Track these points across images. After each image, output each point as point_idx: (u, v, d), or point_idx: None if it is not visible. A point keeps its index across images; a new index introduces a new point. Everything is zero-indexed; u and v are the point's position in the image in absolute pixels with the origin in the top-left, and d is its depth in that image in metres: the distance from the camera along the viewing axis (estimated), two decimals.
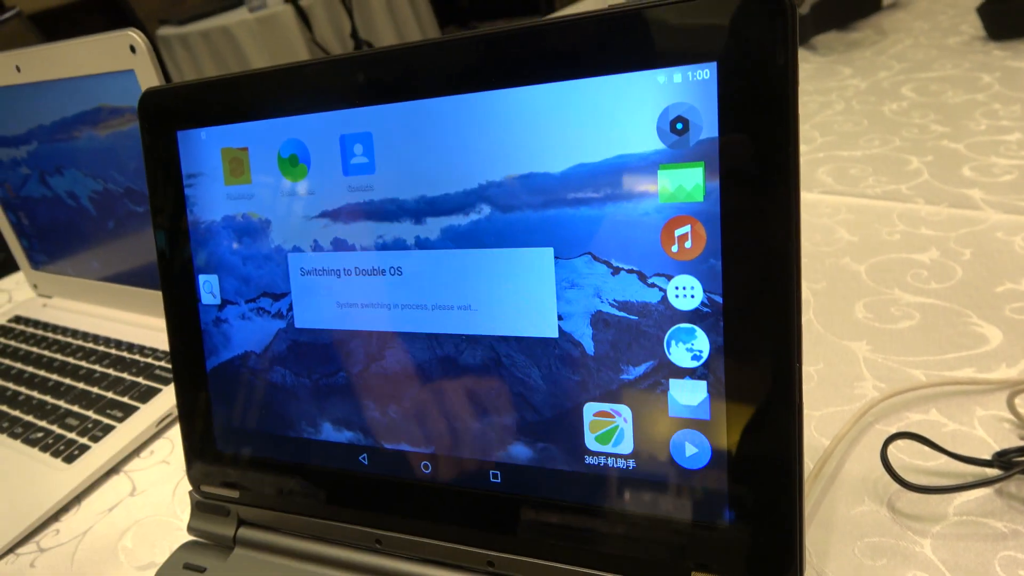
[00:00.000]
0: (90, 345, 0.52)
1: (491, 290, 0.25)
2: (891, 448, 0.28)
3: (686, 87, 0.21)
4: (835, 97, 0.62)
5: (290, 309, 0.29)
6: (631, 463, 0.24)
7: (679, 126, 0.21)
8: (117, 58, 0.42)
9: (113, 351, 0.51)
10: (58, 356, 0.52)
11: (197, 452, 0.32)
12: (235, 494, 0.32)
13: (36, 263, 0.61)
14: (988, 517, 0.26)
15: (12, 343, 0.56)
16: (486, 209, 0.25)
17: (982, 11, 0.65)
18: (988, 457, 0.27)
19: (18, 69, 0.49)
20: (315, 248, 0.28)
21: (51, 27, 2.62)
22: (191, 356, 0.32)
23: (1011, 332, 0.34)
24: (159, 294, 0.33)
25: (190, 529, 0.33)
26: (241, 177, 0.29)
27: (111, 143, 0.47)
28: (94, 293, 0.57)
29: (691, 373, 0.22)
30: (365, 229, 0.27)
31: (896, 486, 0.27)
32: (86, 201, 0.52)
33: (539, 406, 0.25)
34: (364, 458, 0.29)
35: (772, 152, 0.20)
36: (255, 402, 0.31)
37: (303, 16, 2.30)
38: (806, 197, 0.49)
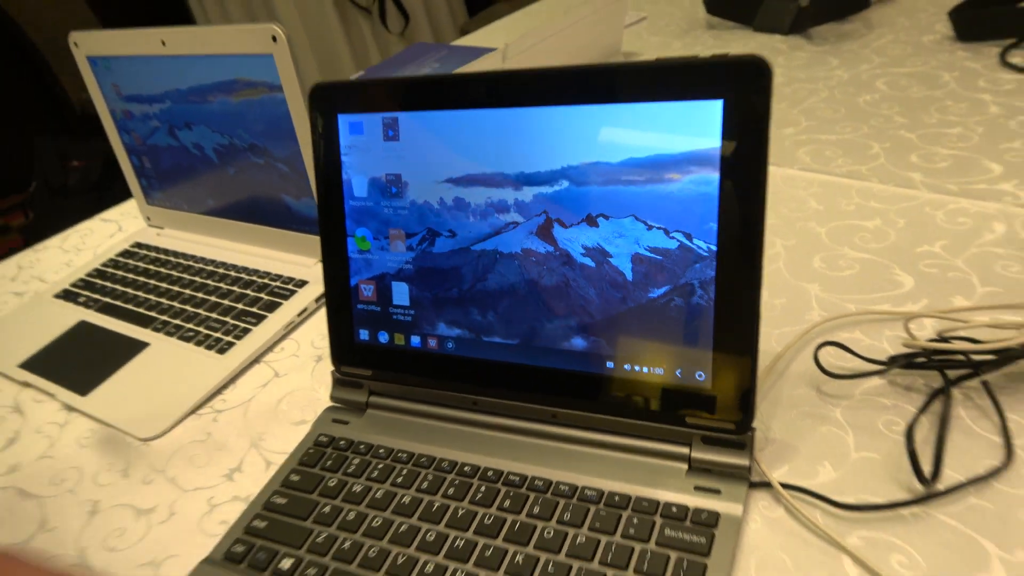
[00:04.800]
0: (210, 268, 0.66)
1: None
2: (821, 352, 0.42)
3: (703, 114, 0.34)
4: (821, 86, 0.74)
5: (419, 243, 0.42)
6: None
7: (698, 139, 0.34)
8: (259, 44, 0.54)
9: (231, 273, 0.64)
10: (184, 275, 0.66)
11: (339, 343, 0.46)
12: (368, 372, 0.46)
13: (151, 199, 0.74)
14: (879, 396, 0.40)
15: (140, 264, 0.70)
16: (565, 183, 0.38)
17: (953, 15, 0.77)
18: (884, 359, 0.40)
19: (163, 43, 0.61)
20: (440, 204, 0.41)
21: None
22: (340, 276, 0.45)
23: (920, 280, 0.47)
24: (268, 228, 0.45)
25: (332, 398, 0.47)
26: (388, 151, 0.42)
27: (242, 108, 0.59)
28: (206, 226, 0.70)
29: (693, 294, 0.36)
30: (478, 192, 0.40)
31: (823, 376, 0.41)
32: (210, 152, 0.64)
33: (593, 312, 0.38)
34: (468, 347, 0.42)
35: (751, 160, 0.33)
36: (386, 310, 0.44)
37: None
38: (787, 172, 0.61)
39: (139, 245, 0.73)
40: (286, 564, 0.37)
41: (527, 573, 0.34)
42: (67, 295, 0.67)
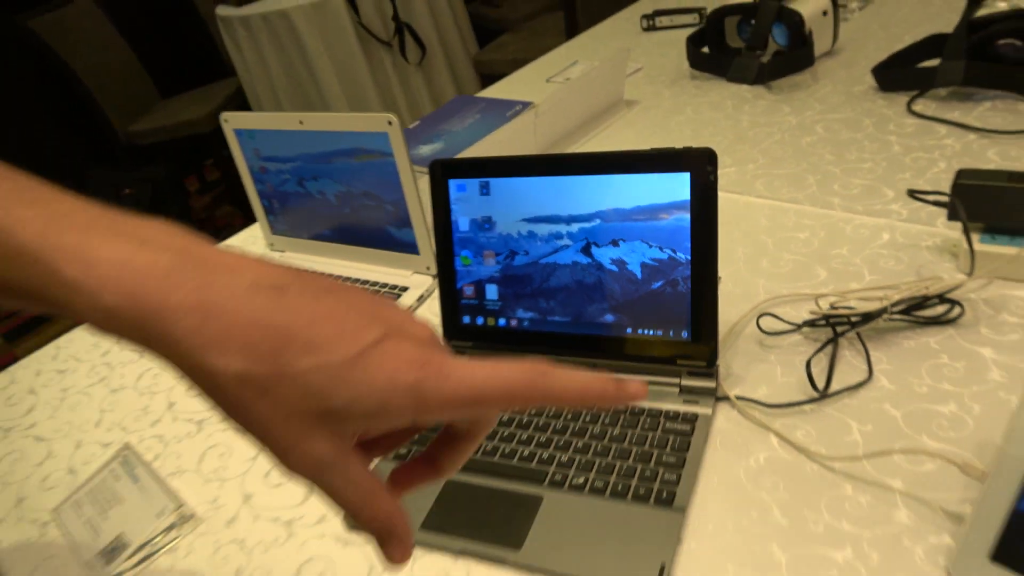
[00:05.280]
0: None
1: None
2: (762, 320, 0.66)
3: (680, 180, 0.58)
4: (775, 129, 0.99)
5: (504, 259, 0.67)
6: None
7: (677, 194, 0.59)
8: (378, 125, 0.79)
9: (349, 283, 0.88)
10: None
11: (450, 325, 0.70)
12: (469, 344, 0.70)
13: (276, 230, 0.99)
14: (796, 345, 0.64)
15: None
16: (597, 221, 0.62)
17: (874, 71, 1.01)
18: (800, 323, 0.65)
19: (301, 123, 0.85)
20: (518, 234, 0.66)
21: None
22: (450, 282, 0.69)
23: (831, 273, 0.71)
24: (373, 250, 0.69)
25: None
26: (482, 202, 0.66)
27: (360, 167, 0.84)
28: (321, 249, 0.94)
29: (678, 285, 0.60)
30: (543, 227, 0.64)
31: (762, 335, 0.65)
32: (331, 196, 0.89)
33: (617, 297, 0.63)
34: (537, 325, 0.66)
35: (708, 206, 0.58)
36: (481, 303, 0.68)
37: (351, 1, 2.61)
38: (747, 199, 0.86)
39: None
40: None
41: (586, 450, 0.58)
42: None
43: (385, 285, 0.86)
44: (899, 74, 0.98)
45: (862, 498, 0.51)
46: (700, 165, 0.58)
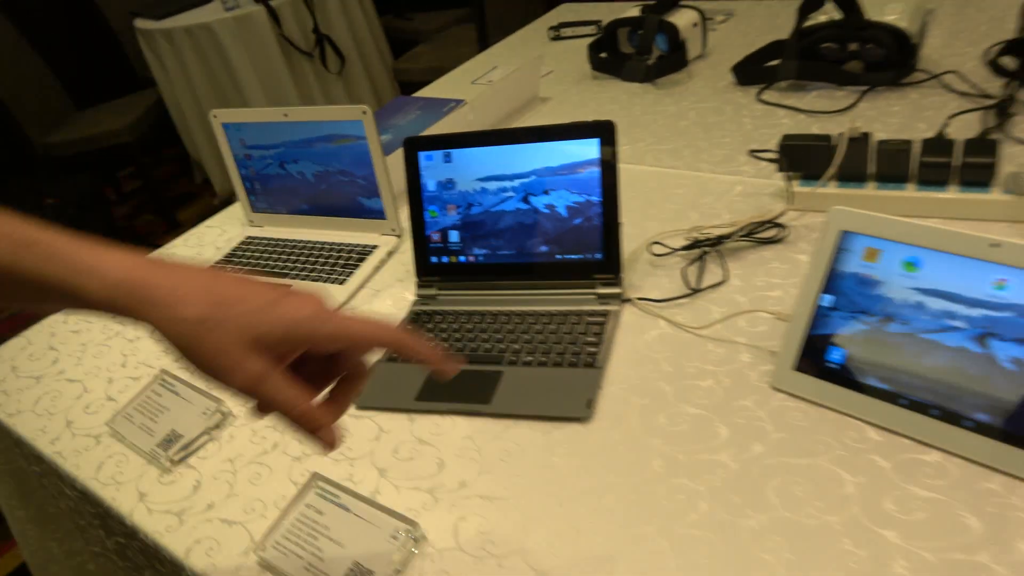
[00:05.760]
0: (310, 246, 1.09)
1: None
2: (652, 247, 0.91)
3: (591, 144, 0.82)
4: (660, 116, 1.25)
5: (464, 211, 0.89)
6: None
7: (590, 154, 0.83)
8: (353, 115, 0.99)
9: (327, 246, 1.08)
10: (294, 251, 1.09)
11: (421, 264, 0.91)
12: (437, 278, 0.91)
13: (256, 208, 1.17)
14: (678, 263, 0.89)
15: (259, 248, 1.12)
16: (533, 176, 0.85)
17: (733, 69, 1.29)
18: (678, 247, 0.90)
19: (285, 115, 1.05)
20: (474, 191, 0.88)
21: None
22: (420, 231, 0.91)
23: (701, 215, 0.97)
24: (346, 219, 0.91)
25: (416, 295, 0.92)
26: (445, 168, 0.88)
27: (337, 150, 1.04)
28: (297, 222, 1.13)
29: (593, 220, 0.84)
30: (493, 184, 0.87)
31: (653, 257, 0.90)
32: (310, 176, 1.08)
33: (549, 232, 0.86)
34: (489, 258, 0.89)
35: (611, 162, 0.82)
36: (446, 246, 0.90)
37: (273, 14, 2.76)
38: (639, 168, 1.11)
39: (250, 239, 1.16)
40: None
41: (532, 340, 0.81)
42: (225, 263, 1.09)
43: (357, 246, 1.06)
44: (751, 72, 1.26)
45: (719, 350, 0.75)
46: (605, 132, 0.82)
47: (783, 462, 0.63)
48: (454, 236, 0.90)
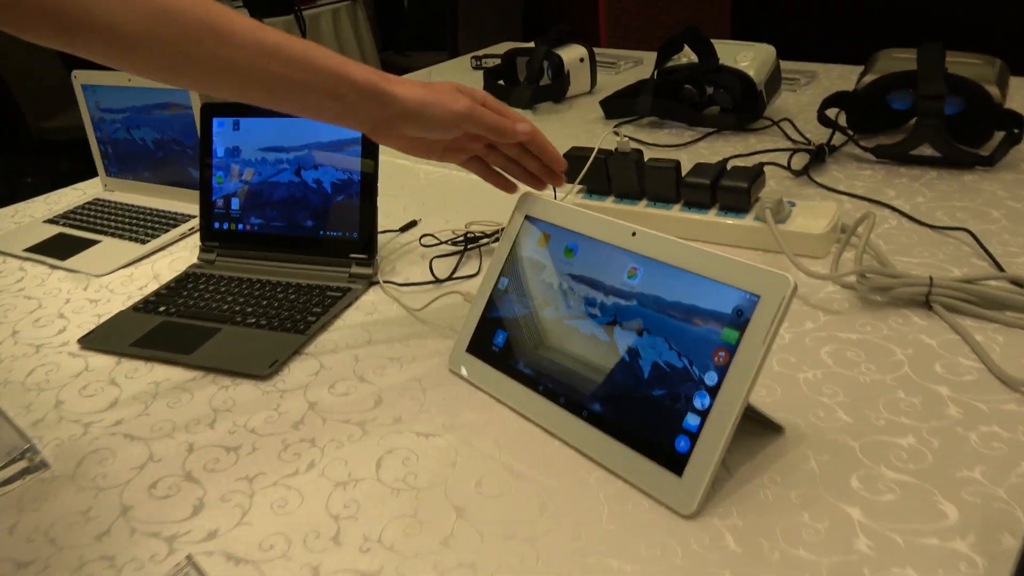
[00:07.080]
0: (145, 210, 1.12)
1: None
2: (423, 239, 0.91)
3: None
4: None
5: (246, 179, 0.90)
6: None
7: (352, 135, 0.84)
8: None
9: (159, 210, 1.10)
10: (127, 213, 1.12)
11: (206, 230, 0.93)
12: (217, 244, 0.93)
13: (109, 173, 1.20)
14: (446, 256, 0.89)
15: (98, 208, 1.15)
16: (306, 151, 0.87)
17: (601, 103, 1.31)
18: (445, 240, 0.90)
19: (129, 80, 1.09)
20: (255, 160, 0.90)
21: None
22: (208, 196, 0.92)
23: (477, 216, 0.97)
24: (178, 188, 0.93)
25: (199, 257, 0.94)
26: (234, 135, 0.90)
27: (170, 117, 1.07)
28: (141, 189, 1.16)
29: (353, 199, 0.85)
30: (272, 156, 0.89)
31: (422, 248, 0.90)
32: (149, 143, 1.12)
33: (315, 206, 0.87)
34: (261, 228, 0.90)
35: (371, 146, 0.83)
36: (228, 212, 0.92)
37: None
38: (456, 173, 1.12)
39: (97, 200, 1.19)
40: (162, 308, 0.83)
41: (262, 304, 0.81)
42: (53, 220, 1.12)
43: (178, 214, 1.08)
44: (616, 106, 1.28)
45: (429, 332, 0.75)
46: None
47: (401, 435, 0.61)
48: (235, 203, 0.92)
